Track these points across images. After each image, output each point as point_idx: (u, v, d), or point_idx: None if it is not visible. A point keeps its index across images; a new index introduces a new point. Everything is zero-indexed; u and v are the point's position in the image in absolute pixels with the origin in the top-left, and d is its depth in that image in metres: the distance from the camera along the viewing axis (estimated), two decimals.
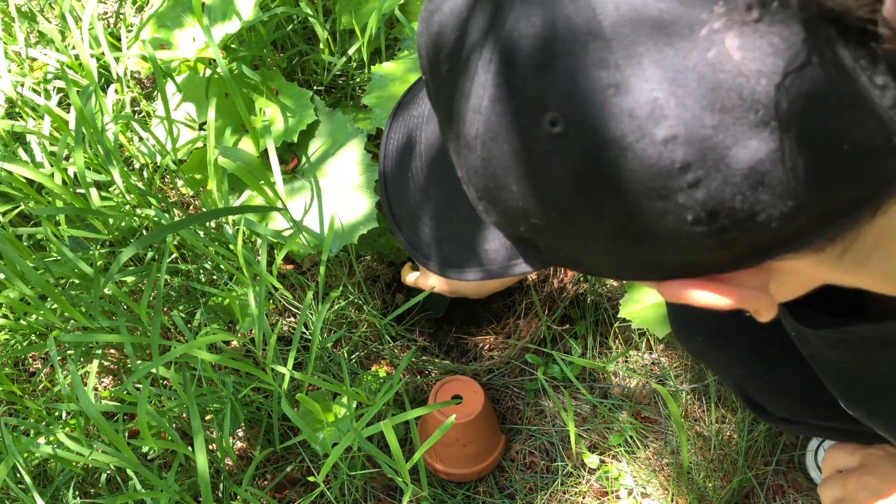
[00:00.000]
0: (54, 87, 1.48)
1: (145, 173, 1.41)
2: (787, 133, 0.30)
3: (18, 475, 1.09)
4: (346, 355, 1.27)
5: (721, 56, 0.29)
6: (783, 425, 0.94)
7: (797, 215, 0.32)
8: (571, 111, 0.32)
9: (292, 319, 1.35)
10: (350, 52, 1.39)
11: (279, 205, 1.20)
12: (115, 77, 1.39)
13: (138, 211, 1.28)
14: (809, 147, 0.30)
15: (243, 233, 1.16)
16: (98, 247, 1.30)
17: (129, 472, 1.08)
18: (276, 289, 1.27)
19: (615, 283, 1.35)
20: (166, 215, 1.26)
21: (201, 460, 0.93)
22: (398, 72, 1.28)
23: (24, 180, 1.25)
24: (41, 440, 1.14)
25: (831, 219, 0.33)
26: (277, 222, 1.25)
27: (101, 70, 1.43)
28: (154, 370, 1.07)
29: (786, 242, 0.33)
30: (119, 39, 1.51)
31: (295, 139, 1.26)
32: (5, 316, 1.23)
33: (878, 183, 0.32)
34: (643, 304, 1.18)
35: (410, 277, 1.25)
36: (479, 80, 0.35)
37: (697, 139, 0.30)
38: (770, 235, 0.33)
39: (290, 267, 1.40)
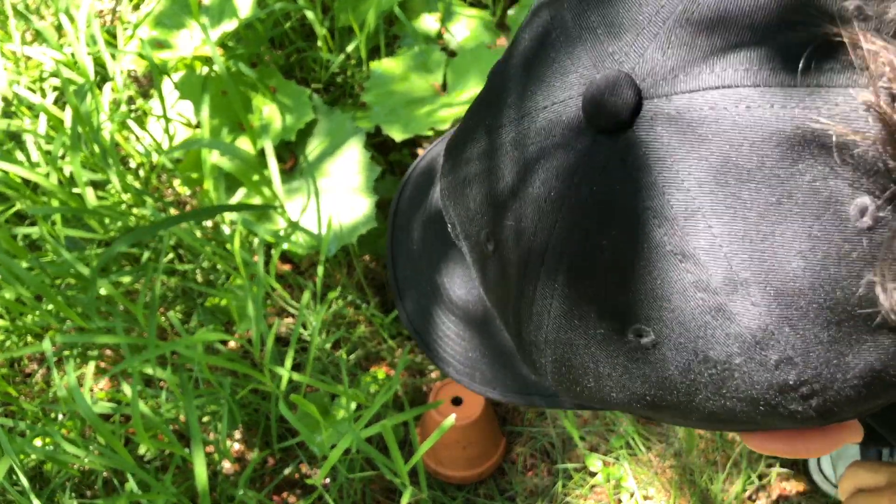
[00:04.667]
0: (50, 86, 1.47)
1: (141, 172, 1.39)
2: None
3: (14, 477, 1.08)
4: (344, 356, 1.26)
5: (835, 278, 0.27)
6: None
7: None
8: (664, 327, 0.29)
9: (290, 320, 1.34)
10: (349, 49, 1.38)
11: (276, 204, 1.19)
12: (111, 75, 1.38)
13: (134, 210, 1.27)
14: None
15: (241, 233, 1.14)
16: (94, 247, 1.29)
17: (126, 474, 1.07)
18: (273, 289, 1.26)
19: None
20: (162, 214, 1.25)
21: (199, 463, 0.92)
22: (397, 69, 1.27)
23: (20, 179, 1.24)
24: (37, 442, 1.13)
25: None
26: (275, 222, 1.23)
27: (97, 68, 1.42)
28: (150, 371, 1.06)
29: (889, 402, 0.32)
30: (115, 37, 1.49)
31: (293, 138, 1.25)
32: (1, 316, 1.22)
33: None
34: None
35: None
36: (544, 286, 0.31)
37: (813, 357, 0.28)
38: (877, 407, 0.31)
39: (287, 267, 1.39)
